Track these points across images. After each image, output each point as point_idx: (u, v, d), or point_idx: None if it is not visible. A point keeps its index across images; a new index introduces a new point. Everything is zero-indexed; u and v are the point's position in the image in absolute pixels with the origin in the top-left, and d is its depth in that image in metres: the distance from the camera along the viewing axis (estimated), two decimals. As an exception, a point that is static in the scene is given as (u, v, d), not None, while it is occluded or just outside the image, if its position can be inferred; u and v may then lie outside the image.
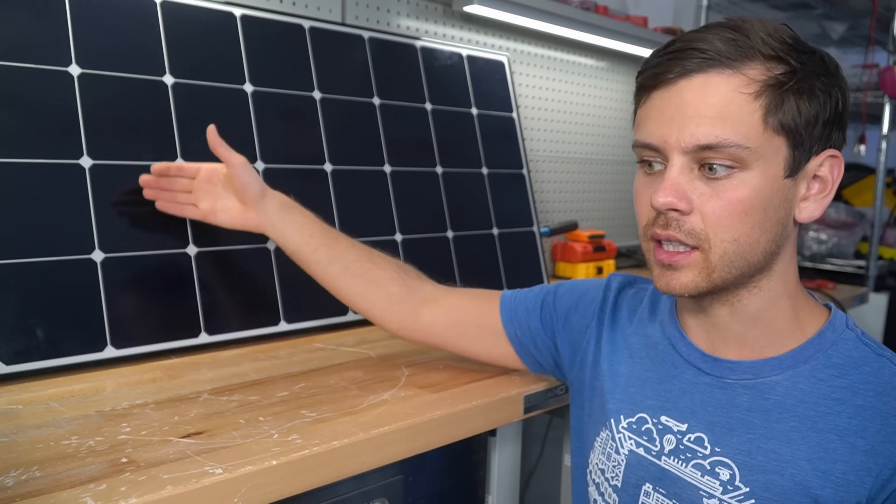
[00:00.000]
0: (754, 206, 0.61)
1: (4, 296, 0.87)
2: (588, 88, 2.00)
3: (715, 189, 0.62)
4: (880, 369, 0.63)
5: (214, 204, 0.95)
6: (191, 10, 1.10)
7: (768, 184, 0.62)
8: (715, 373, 0.68)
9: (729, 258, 0.63)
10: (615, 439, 0.74)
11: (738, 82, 0.60)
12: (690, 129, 0.61)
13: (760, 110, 0.60)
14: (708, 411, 0.67)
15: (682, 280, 0.64)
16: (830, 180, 0.65)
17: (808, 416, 0.63)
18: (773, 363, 0.66)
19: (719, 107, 0.60)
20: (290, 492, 0.68)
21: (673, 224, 0.63)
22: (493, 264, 1.45)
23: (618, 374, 0.77)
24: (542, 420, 1.35)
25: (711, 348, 0.70)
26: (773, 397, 0.64)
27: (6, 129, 0.90)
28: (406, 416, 0.78)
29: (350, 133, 1.26)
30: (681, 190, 0.62)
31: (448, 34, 1.59)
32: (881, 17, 2.19)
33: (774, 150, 0.61)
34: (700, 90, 0.61)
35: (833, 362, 0.64)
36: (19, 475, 0.61)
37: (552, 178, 1.92)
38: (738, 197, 0.61)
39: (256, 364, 0.97)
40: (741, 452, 0.64)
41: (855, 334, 0.66)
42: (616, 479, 0.73)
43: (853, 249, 2.38)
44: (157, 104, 1.04)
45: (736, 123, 0.60)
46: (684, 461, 0.67)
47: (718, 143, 0.60)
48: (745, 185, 0.61)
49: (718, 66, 0.61)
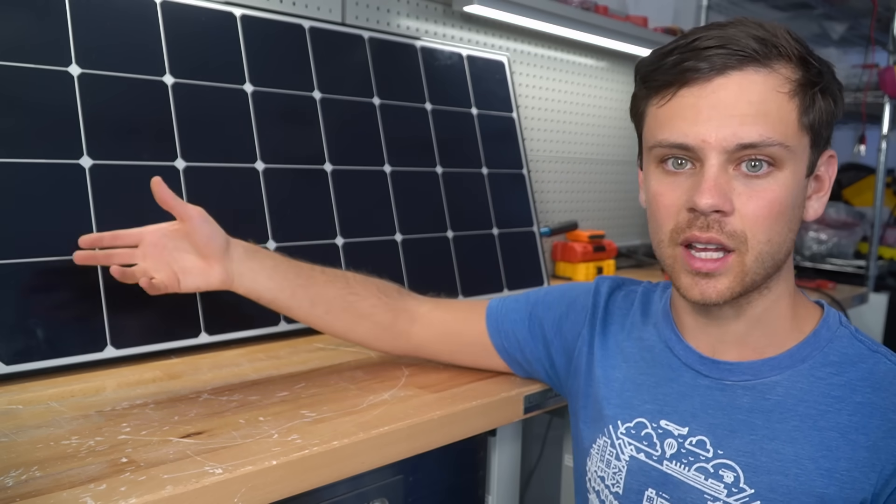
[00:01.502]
0: (786, 205, 0.62)
1: (4, 296, 0.87)
2: (588, 88, 2.00)
3: (754, 189, 0.61)
4: (876, 365, 0.63)
5: (171, 269, 0.81)
6: (191, 10, 1.10)
7: (796, 183, 0.62)
8: (714, 375, 0.68)
9: (762, 260, 0.62)
10: (614, 445, 0.73)
11: (775, 81, 0.60)
12: (732, 127, 0.59)
13: (796, 110, 0.61)
14: (709, 414, 0.67)
15: (718, 288, 0.62)
16: (827, 179, 0.67)
17: (809, 415, 0.63)
18: (773, 363, 0.66)
19: (759, 105, 0.60)
20: (290, 492, 0.68)
21: (714, 226, 0.61)
22: (493, 264, 1.45)
23: (612, 380, 0.76)
24: (542, 420, 1.35)
25: (711, 350, 0.69)
26: (774, 397, 0.64)
27: (6, 129, 0.90)
28: (406, 416, 0.78)
29: (350, 133, 1.26)
30: (723, 190, 0.61)
31: (448, 34, 1.59)
32: (881, 17, 2.19)
33: (803, 149, 0.63)
34: (738, 88, 0.60)
35: (830, 360, 0.64)
36: (19, 475, 0.61)
37: (552, 178, 1.92)
38: (776, 197, 0.61)
39: (256, 364, 0.97)
40: (744, 454, 0.64)
41: (849, 331, 0.66)
42: (617, 485, 0.72)
43: (853, 249, 2.38)
44: (157, 104, 1.04)
45: (776, 122, 0.60)
46: (687, 465, 0.67)
47: (762, 141, 0.59)
48: (780, 184, 0.61)
49: (755, 65, 0.60)
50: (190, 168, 1.05)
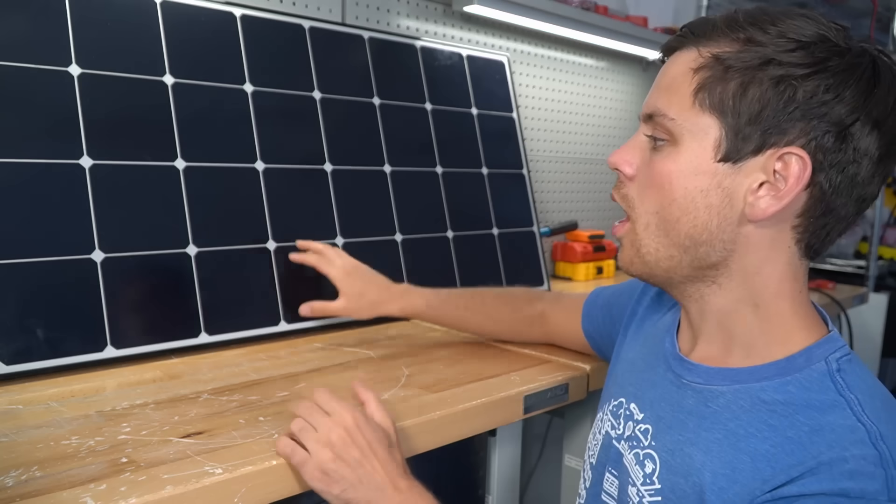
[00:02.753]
0: (672, 181, 0.61)
1: (4, 296, 0.87)
2: (588, 88, 2.00)
3: (651, 160, 0.63)
4: (831, 408, 0.57)
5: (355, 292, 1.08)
6: (191, 10, 1.10)
7: (692, 163, 0.60)
8: (676, 370, 0.68)
9: (651, 232, 0.64)
10: (602, 420, 0.76)
11: (691, 57, 0.61)
12: (647, 98, 0.65)
13: (694, 84, 0.60)
14: (661, 406, 0.68)
15: (622, 257, 0.68)
16: (790, 178, 0.57)
17: (735, 434, 0.60)
18: (725, 373, 0.64)
19: (669, 79, 0.62)
20: (290, 492, 0.68)
21: (618, 186, 0.67)
22: (493, 264, 1.45)
23: (624, 361, 0.79)
24: (542, 420, 1.35)
25: (689, 347, 0.70)
26: (714, 406, 0.63)
27: (6, 129, 0.90)
28: (406, 416, 0.78)
29: (350, 133, 1.26)
30: (630, 155, 0.65)
31: (448, 34, 1.59)
32: (881, 17, 2.19)
33: (703, 128, 0.60)
34: (671, 64, 0.64)
35: (786, 389, 0.60)
36: (19, 475, 0.61)
37: (552, 178, 1.92)
38: (662, 170, 0.62)
39: (256, 364, 0.97)
40: (667, 451, 0.64)
41: (828, 368, 0.59)
42: (593, 457, 0.75)
43: (853, 249, 2.38)
44: (157, 104, 1.04)
45: (672, 94, 0.61)
46: (629, 448, 0.69)
47: (654, 111, 0.62)
48: (670, 159, 0.61)
49: (690, 44, 0.62)
50: (190, 168, 1.05)
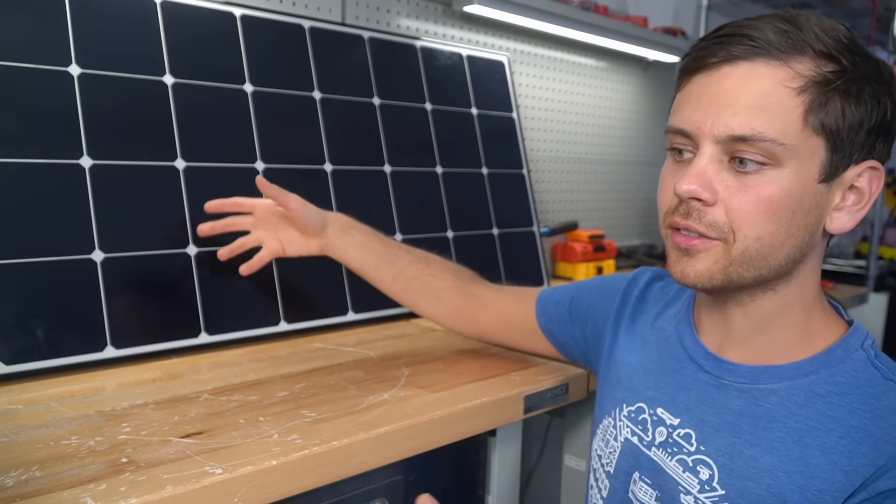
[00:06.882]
0: (782, 206, 0.59)
1: (4, 296, 0.87)
2: (588, 88, 2.00)
3: (743, 183, 0.59)
4: (885, 392, 0.60)
5: (278, 238, 1.01)
6: (191, 10, 1.10)
7: (800, 186, 0.59)
8: (714, 372, 0.68)
9: (750, 256, 0.60)
10: (615, 426, 0.75)
11: (784, 75, 0.58)
12: (726, 117, 0.58)
13: (802, 107, 0.58)
14: (701, 409, 0.67)
15: (697, 268, 0.62)
16: (867, 193, 0.62)
17: (796, 429, 0.61)
18: (773, 371, 0.65)
19: (759, 98, 0.58)
20: (290, 492, 0.68)
21: (694, 214, 0.61)
22: (493, 264, 1.45)
23: (627, 364, 0.78)
24: (542, 420, 1.35)
25: (718, 347, 0.69)
26: (766, 405, 0.63)
27: (6, 129, 0.90)
28: (406, 416, 0.78)
29: (350, 133, 1.26)
30: (706, 179, 0.60)
31: (448, 34, 1.59)
32: (881, 17, 2.19)
33: (812, 150, 0.59)
34: (742, 78, 0.58)
35: (836, 380, 0.62)
36: (19, 475, 0.61)
37: (552, 178, 1.92)
38: (767, 194, 0.59)
39: (256, 364, 0.97)
40: (723, 455, 0.64)
41: (867, 355, 0.63)
42: (610, 465, 0.74)
43: (853, 249, 2.38)
44: (157, 104, 1.04)
45: (774, 117, 0.57)
46: (670, 454, 0.68)
47: (753, 135, 0.57)
48: (775, 182, 0.59)
49: (766, 56, 0.58)
50: (190, 168, 1.05)
